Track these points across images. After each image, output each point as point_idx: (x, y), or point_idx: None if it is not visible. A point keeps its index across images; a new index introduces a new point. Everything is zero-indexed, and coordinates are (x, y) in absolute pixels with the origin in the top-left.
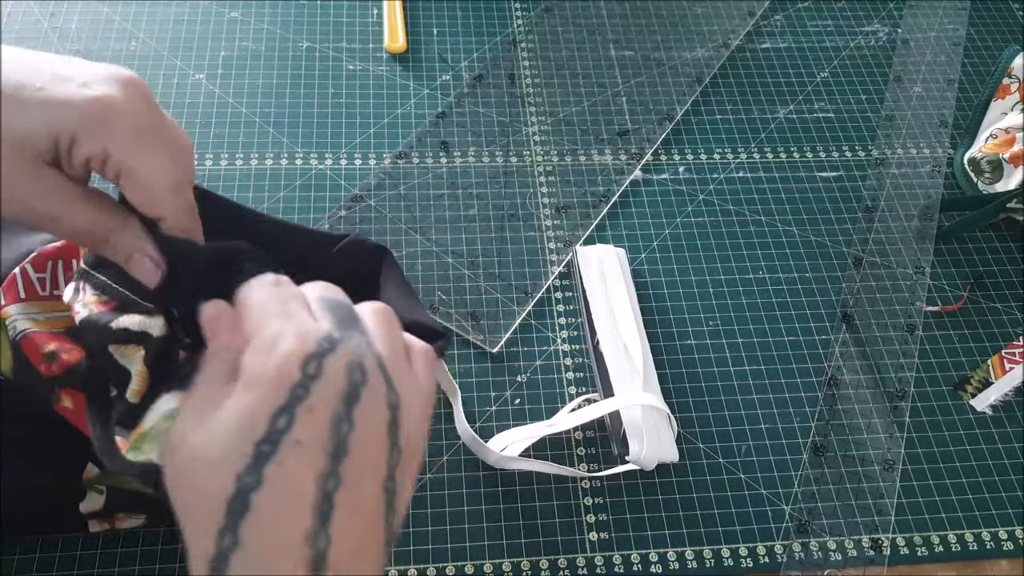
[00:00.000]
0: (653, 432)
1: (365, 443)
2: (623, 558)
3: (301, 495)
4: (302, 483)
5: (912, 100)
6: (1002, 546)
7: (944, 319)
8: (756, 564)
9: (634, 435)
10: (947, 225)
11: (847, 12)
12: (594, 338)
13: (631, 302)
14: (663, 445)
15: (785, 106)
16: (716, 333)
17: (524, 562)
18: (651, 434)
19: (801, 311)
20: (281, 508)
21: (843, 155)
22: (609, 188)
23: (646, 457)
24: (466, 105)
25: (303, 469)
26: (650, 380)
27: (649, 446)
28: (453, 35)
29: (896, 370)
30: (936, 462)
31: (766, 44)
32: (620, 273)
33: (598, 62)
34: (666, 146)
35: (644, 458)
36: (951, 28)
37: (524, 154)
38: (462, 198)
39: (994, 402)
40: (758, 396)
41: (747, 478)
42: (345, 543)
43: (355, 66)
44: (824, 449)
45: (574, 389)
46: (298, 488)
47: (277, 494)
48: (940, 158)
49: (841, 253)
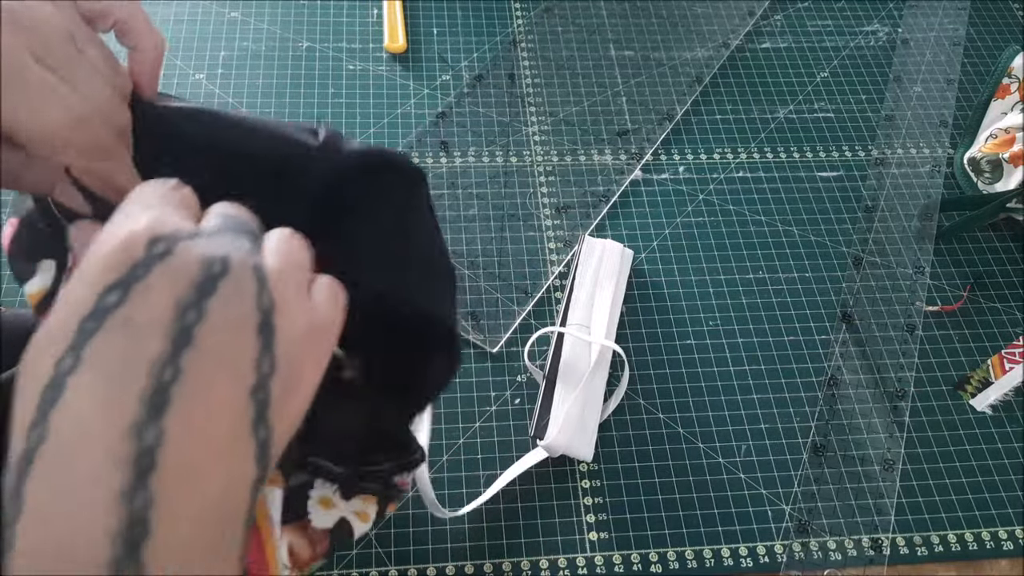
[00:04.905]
0: (577, 424)
1: (219, 339)
2: (623, 558)
3: (125, 379)
4: (129, 365)
5: (912, 100)
6: (1002, 546)
7: (944, 319)
8: (756, 564)
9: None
10: (947, 225)
11: (847, 12)
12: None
13: (613, 300)
14: (582, 440)
15: (785, 106)
16: (716, 333)
17: (524, 562)
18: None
19: (801, 311)
20: (98, 392)
21: (843, 155)
22: (609, 188)
23: (557, 445)
24: (466, 105)
25: (131, 350)
26: (599, 374)
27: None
28: (453, 35)
29: (896, 370)
30: (936, 462)
31: (766, 44)
32: (615, 271)
33: (598, 62)
34: (666, 146)
35: (555, 445)
36: (951, 28)
37: (524, 154)
38: (462, 198)
39: (994, 402)
40: (758, 396)
41: (747, 478)
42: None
43: (355, 66)
44: (824, 449)
45: None
46: (122, 371)
47: (95, 375)
48: (940, 158)
49: (841, 253)
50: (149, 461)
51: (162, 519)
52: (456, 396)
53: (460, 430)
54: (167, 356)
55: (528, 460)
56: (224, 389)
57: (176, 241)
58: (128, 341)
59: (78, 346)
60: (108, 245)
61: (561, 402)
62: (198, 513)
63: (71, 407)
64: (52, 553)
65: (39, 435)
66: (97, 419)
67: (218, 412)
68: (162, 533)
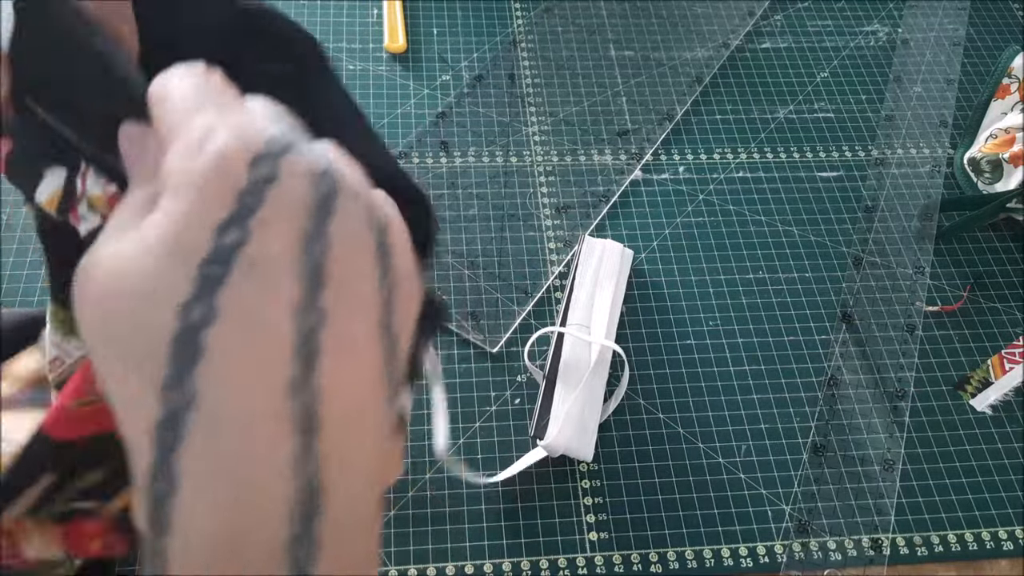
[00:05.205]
0: (577, 424)
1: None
2: (623, 558)
3: (273, 331)
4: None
5: (912, 100)
6: (1002, 546)
7: (944, 319)
8: (756, 564)
9: (556, 422)
10: (947, 225)
11: (847, 12)
12: (563, 324)
13: (613, 300)
14: (582, 440)
15: (785, 106)
16: (716, 333)
17: (524, 562)
18: (574, 425)
19: (801, 311)
20: (247, 348)
21: (843, 155)
22: (609, 188)
23: (557, 445)
24: (466, 105)
25: (268, 296)
26: (599, 374)
27: (568, 436)
28: (453, 35)
29: (896, 370)
30: (936, 462)
31: (766, 44)
32: (615, 271)
33: (598, 62)
34: (666, 146)
35: (555, 445)
36: (951, 28)
37: (524, 154)
38: (462, 198)
39: (994, 402)
40: (758, 396)
41: (747, 478)
42: (339, 400)
43: (355, 66)
44: (824, 449)
45: None
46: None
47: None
48: (940, 158)
49: (841, 253)
50: (313, 420)
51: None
52: (456, 396)
53: (460, 430)
54: (305, 299)
55: (535, 454)
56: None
57: (276, 159)
58: (262, 286)
59: (206, 294)
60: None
61: (561, 402)
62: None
63: (220, 367)
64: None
65: (183, 398)
66: (253, 379)
67: (362, 356)
68: (334, 502)
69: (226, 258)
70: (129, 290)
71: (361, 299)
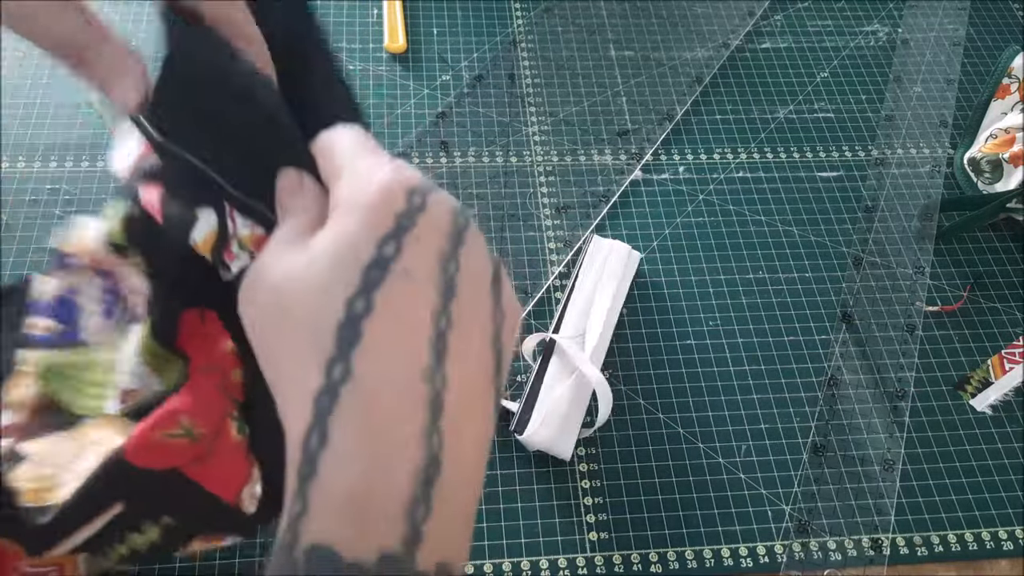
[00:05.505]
0: (560, 423)
1: (472, 289)
2: (623, 558)
3: (415, 327)
4: (416, 314)
5: (912, 100)
6: (1002, 546)
7: (944, 319)
8: (756, 564)
9: (538, 418)
10: (947, 225)
11: (847, 12)
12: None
13: (612, 303)
14: (562, 439)
15: (785, 106)
16: (716, 333)
17: (524, 562)
18: (557, 424)
19: (801, 311)
20: (395, 338)
21: (843, 155)
22: (609, 188)
23: (538, 439)
24: (466, 105)
25: (416, 299)
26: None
27: (549, 433)
28: (453, 35)
29: (896, 370)
30: (936, 462)
31: (766, 44)
32: (618, 273)
33: (598, 62)
34: (666, 146)
35: (534, 440)
36: (951, 28)
37: (524, 154)
38: (462, 198)
39: (994, 402)
40: (758, 396)
41: (747, 478)
42: (458, 391)
43: (355, 66)
44: (824, 449)
45: None
46: (412, 319)
47: (390, 323)
48: (940, 158)
49: (841, 253)
50: (439, 403)
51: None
52: None
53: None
54: (440, 305)
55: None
56: (478, 339)
57: (425, 194)
58: (411, 291)
59: (367, 291)
60: (372, 195)
61: (546, 400)
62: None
63: (372, 351)
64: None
65: (342, 373)
66: (398, 363)
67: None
68: (448, 475)
69: (384, 265)
70: (306, 286)
71: (480, 316)
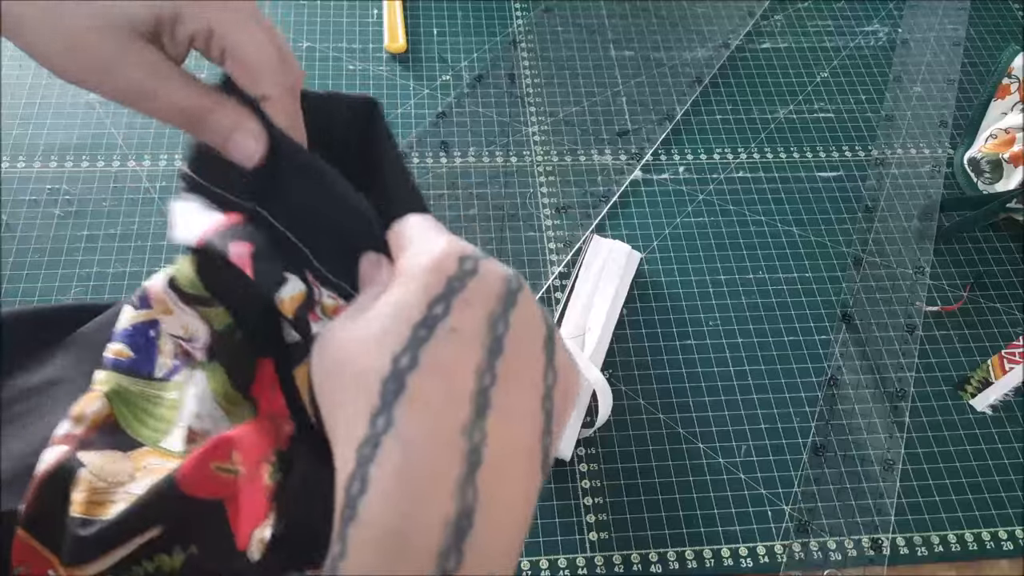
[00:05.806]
0: None
1: (521, 349)
2: (623, 558)
3: (458, 383)
4: (459, 370)
5: (912, 100)
6: (1002, 546)
7: (944, 319)
8: (756, 564)
9: None
10: (947, 225)
11: (847, 12)
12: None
13: (612, 303)
14: (561, 437)
15: (785, 106)
16: (716, 333)
17: (524, 562)
18: None
19: (801, 311)
20: (437, 393)
21: (843, 155)
22: (609, 188)
23: None
24: (466, 105)
25: (460, 357)
26: (589, 373)
27: None
28: (453, 35)
29: (896, 370)
30: (936, 462)
31: (766, 44)
32: (618, 273)
33: (598, 62)
34: (666, 146)
35: None
36: (951, 28)
37: (524, 154)
38: (462, 198)
39: (994, 402)
40: (758, 396)
41: (747, 478)
42: (499, 446)
43: (355, 66)
44: (824, 449)
45: None
46: (455, 375)
47: (433, 378)
48: (940, 158)
49: (841, 253)
50: (477, 457)
51: (483, 514)
52: None
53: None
54: (485, 363)
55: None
56: (526, 397)
57: (477, 259)
58: (456, 348)
59: (413, 348)
60: (426, 261)
61: None
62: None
63: (415, 403)
64: (393, 530)
65: (384, 424)
66: (439, 416)
67: (522, 417)
68: (480, 528)
69: (432, 324)
70: (360, 343)
71: (529, 375)
